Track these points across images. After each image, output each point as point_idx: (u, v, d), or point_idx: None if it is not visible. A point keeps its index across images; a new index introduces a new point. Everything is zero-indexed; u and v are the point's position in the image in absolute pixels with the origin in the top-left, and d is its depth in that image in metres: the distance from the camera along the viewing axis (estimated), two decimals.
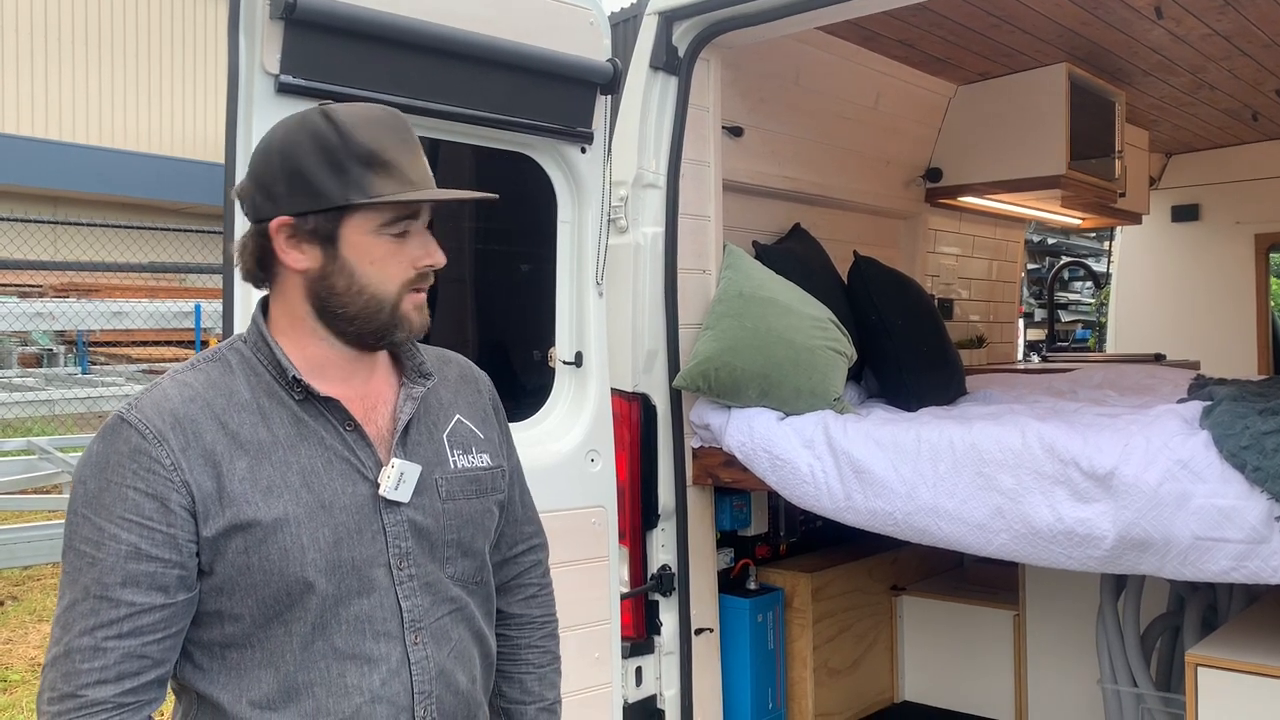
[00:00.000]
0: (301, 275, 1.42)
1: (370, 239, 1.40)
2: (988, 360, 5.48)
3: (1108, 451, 2.59)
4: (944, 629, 4.01)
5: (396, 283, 1.42)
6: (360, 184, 1.38)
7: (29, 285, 13.57)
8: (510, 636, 1.69)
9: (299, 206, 1.39)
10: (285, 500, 1.37)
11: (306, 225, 1.40)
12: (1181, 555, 2.47)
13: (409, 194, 1.40)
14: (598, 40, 2.85)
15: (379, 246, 1.41)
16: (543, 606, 1.73)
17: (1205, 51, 4.21)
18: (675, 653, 3.21)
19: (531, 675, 1.69)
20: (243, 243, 1.45)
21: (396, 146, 1.40)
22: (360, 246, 1.40)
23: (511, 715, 1.69)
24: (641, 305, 3.19)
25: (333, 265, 1.40)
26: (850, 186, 4.34)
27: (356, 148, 1.38)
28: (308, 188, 1.38)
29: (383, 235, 1.41)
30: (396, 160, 1.40)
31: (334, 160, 1.38)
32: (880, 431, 2.97)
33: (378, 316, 1.43)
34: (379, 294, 1.42)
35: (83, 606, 1.30)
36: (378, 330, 1.44)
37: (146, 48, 17.36)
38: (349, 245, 1.40)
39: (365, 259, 1.41)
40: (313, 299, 1.43)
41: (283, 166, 1.40)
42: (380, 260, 1.41)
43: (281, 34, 2.26)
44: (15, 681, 4.91)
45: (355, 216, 1.40)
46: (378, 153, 1.39)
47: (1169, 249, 6.27)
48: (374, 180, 1.38)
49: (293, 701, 1.38)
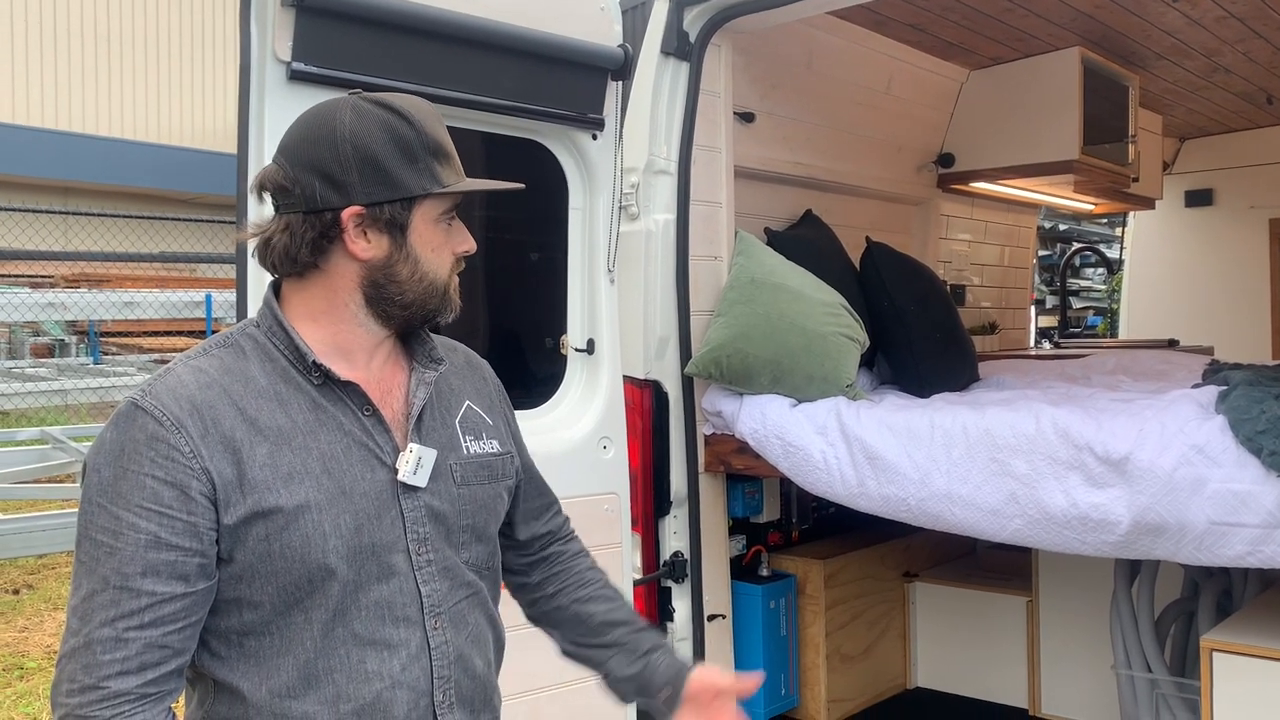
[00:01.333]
0: (363, 264, 1.43)
1: (432, 227, 1.46)
2: (1000, 346, 5.46)
3: (1122, 436, 2.58)
4: (957, 615, 4.01)
5: (447, 267, 1.48)
6: (433, 174, 1.43)
7: (40, 276, 13.61)
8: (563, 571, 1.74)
9: (375, 196, 1.40)
10: (307, 486, 1.37)
11: (382, 215, 1.41)
12: (1197, 540, 2.47)
13: (468, 184, 1.46)
14: (609, 26, 2.84)
15: (438, 234, 1.46)
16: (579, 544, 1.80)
17: (1220, 34, 4.18)
18: (688, 639, 3.21)
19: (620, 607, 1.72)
20: (292, 232, 1.42)
21: (448, 138, 1.47)
22: (425, 234, 1.45)
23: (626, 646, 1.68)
24: (653, 292, 3.19)
25: (399, 253, 1.43)
26: (862, 172, 4.32)
27: (428, 139, 1.42)
28: (385, 178, 1.40)
29: (440, 224, 1.46)
30: (453, 152, 1.47)
31: (409, 151, 1.41)
32: (893, 418, 2.96)
33: (432, 300, 1.47)
34: (436, 279, 1.47)
35: (102, 597, 1.29)
36: (430, 313, 1.49)
37: (156, 38, 17.37)
38: (417, 234, 1.44)
39: (428, 247, 1.45)
40: (368, 286, 1.44)
41: (355, 156, 1.39)
42: (438, 248, 1.47)
43: (293, 21, 2.25)
44: (32, 669, 4.94)
45: (423, 206, 1.44)
46: (443, 144, 1.44)
47: (1182, 234, 6.24)
48: (441, 170, 1.44)
49: (313, 688, 1.37)
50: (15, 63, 15.88)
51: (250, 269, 2.22)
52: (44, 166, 15.26)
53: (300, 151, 1.42)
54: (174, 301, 11.86)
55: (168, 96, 17.52)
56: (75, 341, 13.37)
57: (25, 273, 13.57)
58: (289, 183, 1.41)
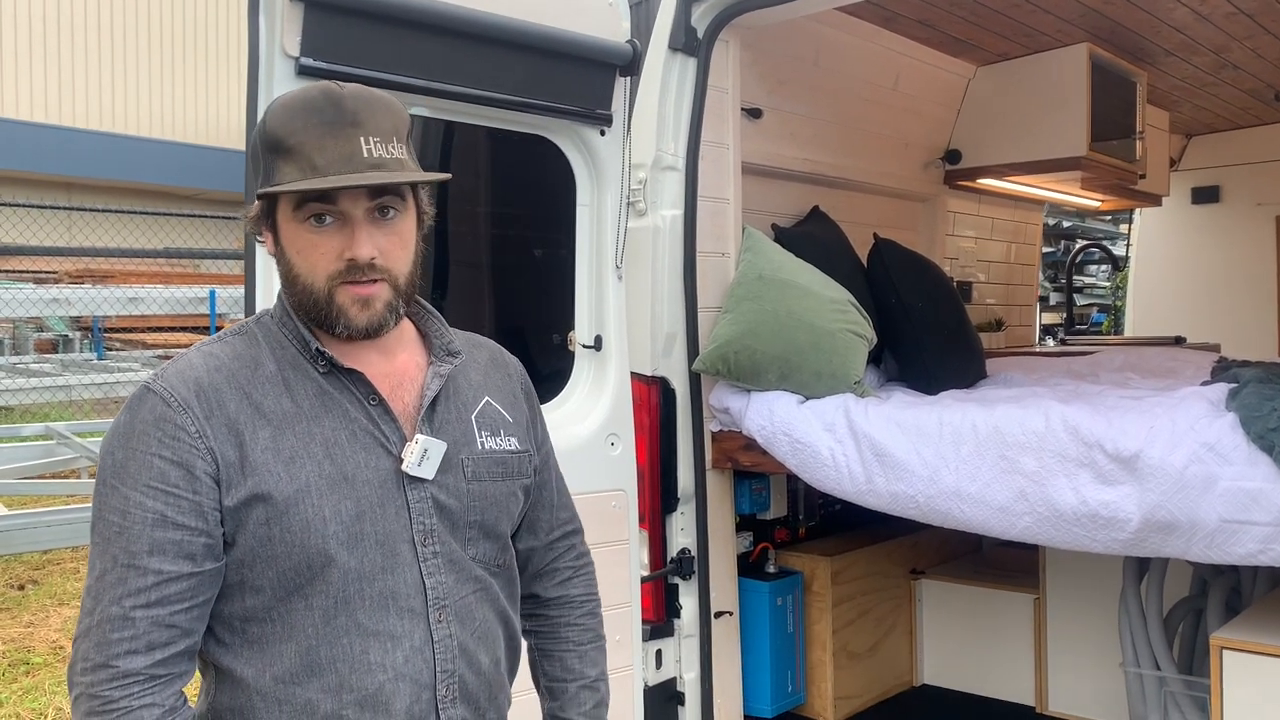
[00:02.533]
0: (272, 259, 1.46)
1: (294, 227, 1.38)
2: (1006, 343, 5.45)
3: (1132, 434, 2.57)
4: (964, 613, 4.00)
5: (323, 274, 1.38)
6: (268, 172, 1.38)
7: (44, 271, 13.64)
8: (550, 617, 1.69)
9: (250, 193, 1.43)
10: (307, 470, 1.37)
11: (255, 211, 1.43)
12: (1208, 538, 2.46)
13: (301, 181, 1.34)
14: (616, 21, 2.82)
15: (301, 235, 1.38)
16: (580, 586, 1.72)
17: (1228, 30, 4.16)
18: (695, 636, 3.21)
19: (572, 653, 1.68)
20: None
21: (309, 129, 1.35)
22: (287, 234, 1.40)
23: (554, 693, 1.68)
24: (660, 288, 3.18)
25: (278, 251, 1.42)
26: (869, 168, 4.31)
27: (267, 135, 1.38)
28: (252, 176, 1.42)
29: (302, 224, 1.38)
30: (301, 145, 1.35)
31: (254, 149, 1.42)
32: (901, 414, 2.95)
33: (316, 307, 1.40)
34: (308, 284, 1.39)
35: (112, 576, 1.31)
36: (322, 320, 1.41)
37: (160, 33, 17.37)
38: (282, 232, 1.40)
39: (293, 248, 1.40)
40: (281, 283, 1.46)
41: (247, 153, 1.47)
42: (303, 250, 1.38)
43: (301, 16, 2.24)
44: (38, 665, 4.94)
45: (280, 205, 1.39)
46: (282, 138, 1.36)
47: (1189, 231, 6.22)
48: (279, 168, 1.36)
49: (315, 676, 1.37)
50: (20, 58, 15.89)
51: (259, 264, 2.22)
52: (48, 162, 15.27)
53: None
54: (178, 297, 11.87)
55: (172, 92, 17.52)
56: (79, 337, 13.40)
57: (30, 268, 13.59)
58: None
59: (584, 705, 1.66)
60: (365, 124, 1.37)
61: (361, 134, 1.36)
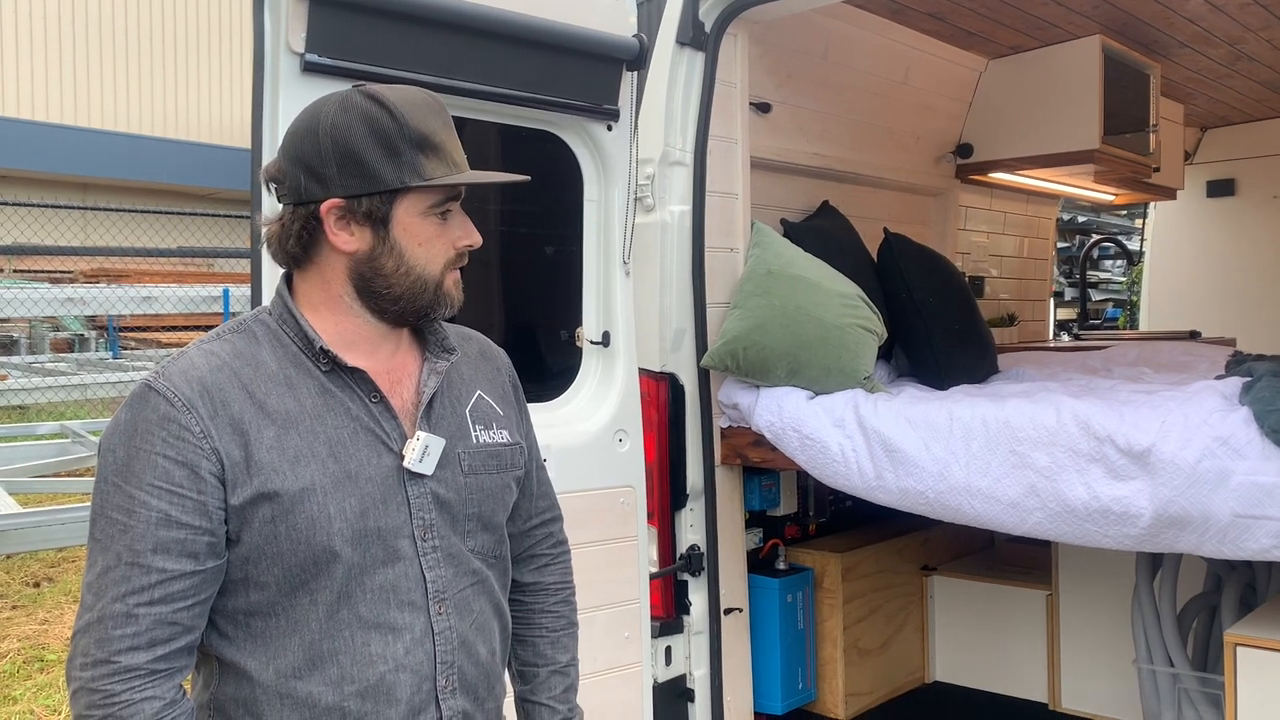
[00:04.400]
0: (349, 256, 1.44)
1: (419, 221, 1.44)
2: (1019, 339, 5.42)
3: (1145, 428, 2.54)
4: (976, 609, 3.98)
5: (440, 263, 1.46)
6: (415, 167, 1.41)
7: (60, 271, 13.71)
8: (525, 603, 1.72)
9: (352, 189, 1.41)
10: (312, 469, 1.39)
11: (360, 208, 1.42)
12: (1221, 533, 2.43)
13: (458, 176, 1.44)
14: (624, 16, 2.81)
15: (427, 228, 1.45)
16: (556, 574, 1.75)
17: (1244, 21, 4.12)
18: (704, 632, 3.20)
19: (544, 639, 1.72)
20: (284, 224, 1.45)
21: (442, 130, 1.44)
22: (410, 228, 1.44)
23: (524, 678, 1.72)
24: (669, 284, 3.17)
25: (382, 247, 1.43)
26: (879, 163, 4.29)
27: (410, 131, 1.41)
28: (362, 171, 1.40)
29: (430, 217, 1.45)
30: (444, 143, 1.44)
31: (388, 143, 1.40)
32: (911, 410, 2.93)
33: (422, 296, 1.46)
34: (425, 274, 1.45)
35: (115, 573, 1.32)
36: (422, 308, 1.48)
37: (173, 33, 17.44)
38: (400, 227, 1.43)
39: (414, 240, 1.44)
40: (356, 279, 1.45)
41: (334, 149, 1.40)
42: (427, 241, 1.45)
43: (306, 13, 2.24)
44: (52, 661, 4.97)
45: (407, 199, 1.43)
46: (429, 136, 1.42)
47: (1204, 225, 6.17)
48: (426, 163, 1.41)
49: (317, 669, 1.40)
50: (35, 59, 15.98)
51: (265, 263, 2.22)
52: (63, 162, 15.35)
53: (290, 145, 1.44)
54: (192, 296, 11.91)
55: (187, 92, 17.60)
56: (94, 336, 13.46)
57: (45, 268, 13.67)
58: (281, 175, 1.45)
59: (554, 690, 1.70)
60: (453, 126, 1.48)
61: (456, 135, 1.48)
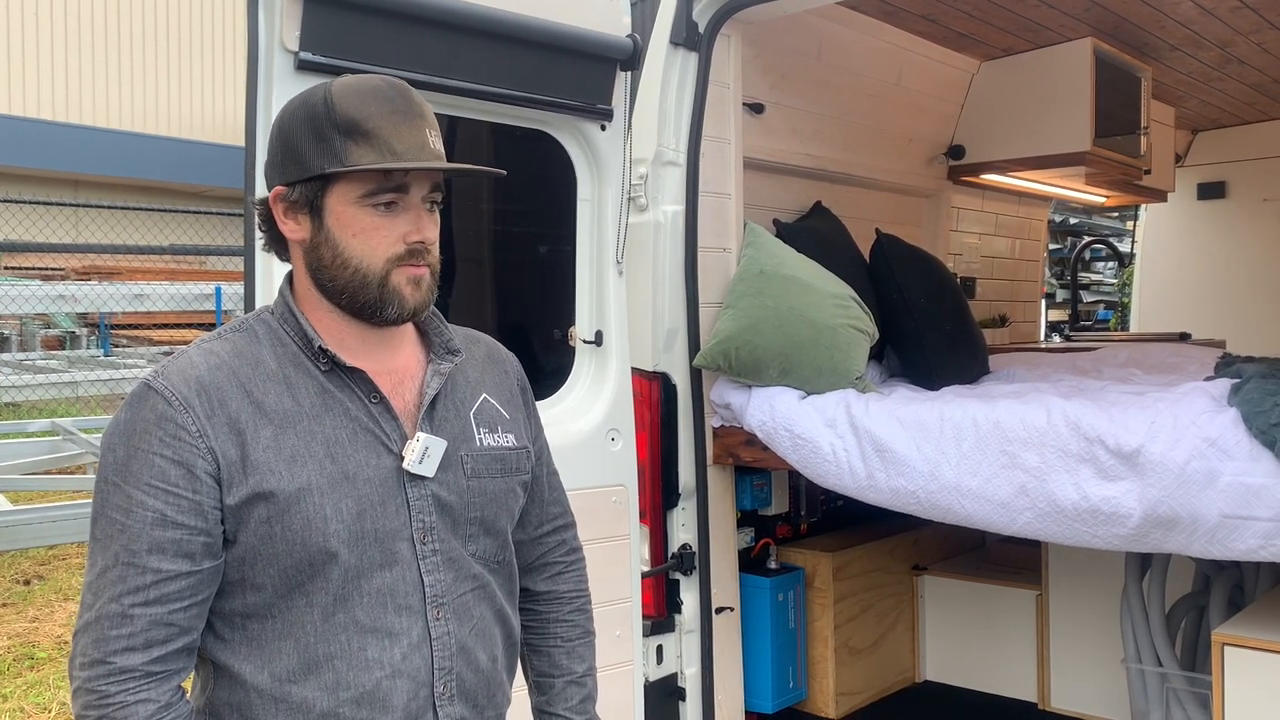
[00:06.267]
0: (299, 246, 1.44)
1: (353, 210, 1.39)
2: (1010, 340, 5.44)
3: (1134, 429, 2.56)
4: (966, 609, 4.00)
5: (381, 257, 1.39)
6: (338, 153, 1.37)
7: (51, 268, 13.68)
8: (539, 612, 1.70)
9: (289, 176, 1.41)
10: (309, 469, 1.37)
11: (294, 195, 1.41)
12: (1209, 534, 2.45)
13: (384, 163, 1.36)
14: (617, 16, 2.82)
15: (362, 219, 1.39)
16: (570, 582, 1.72)
17: (1234, 25, 4.14)
18: (696, 631, 3.20)
19: (560, 649, 1.69)
20: (259, 214, 1.47)
21: (384, 116, 1.38)
22: (344, 218, 1.39)
23: (541, 688, 1.69)
24: (662, 284, 3.18)
25: (320, 236, 1.41)
26: (872, 164, 4.30)
27: (338, 117, 1.37)
28: (296, 158, 1.40)
29: (365, 207, 1.39)
30: (379, 130, 1.37)
31: (318, 130, 1.38)
32: (903, 410, 2.95)
33: (364, 291, 1.40)
34: (363, 267, 1.39)
35: (112, 573, 1.31)
36: (368, 305, 1.41)
37: (165, 30, 17.39)
38: (333, 216, 1.40)
39: (348, 231, 1.39)
40: (310, 270, 1.44)
41: (279, 137, 1.42)
42: (363, 233, 1.39)
43: (301, 11, 2.24)
44: (42, 659, 4.96)
45: (338, 187, 1.39)
46: (359, 122, 1.37)
47: (1195, 227, 6.20)
48: (352, 150, 1.37)
49: (313, 674, 1.38)
50: (26, 56, 15.92)
51: (258, 261, 2.22)
52: (54, 159, 15.31)
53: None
54: (184, 294, 11.90)
55: (178, 89, 17.55)
56: (86, 334, 13.43)
57: (36, 265, 13.63)
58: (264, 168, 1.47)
59: (570, 700, 1.67)
60: (427, 117, 1.43)
61: (426, 126, 1.41)
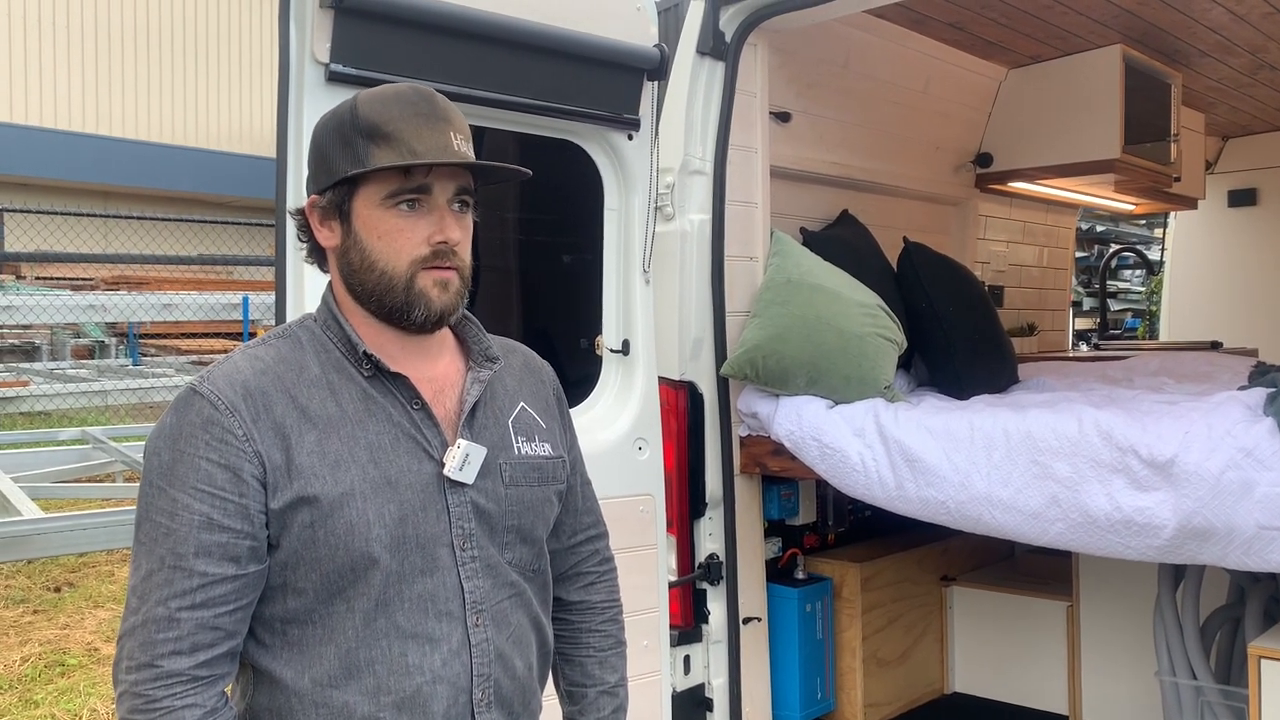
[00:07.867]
0: (333, 253, 1.47)
1: (378, 212, 1.41)
2: (1039, 348, 5.40)
3: (1168, 439, 2.53)
4: (995, 620, 3.96)
5: (406, 258, 1.40)
6: (360, 156, 1.39)
7: (81, 278, 13.83)
8: (571, 621, 1.70)
9: (320, 183, 1.44)
10: (352, 474, 1.38)
11: (324, 202, 1.44)
12: (1245, 545, 2.42)
13: (402, 161, 1.38)
14: (645, 26, 2.83)
15: (386, 220, 1.41)
16: (603, 592, 1.73)
17: (1266, 30, 4.10)
18: (723, 642, 3.19)
19: (592, 659, 1.69)
20: (297, 224, 1.50)
21: (406, 119, 1.39)
22: (369, 220, 1.41)
23: (573, 698, 1.70)
24: (688, 293, 3.17)
25: (349, 240, 1.43)
26: (899, 172, 4.29)
27: (361, 122, 1.40)
28: (326, 166, 1.43)
29: (389, 208, 1.40)
30: (400, 131, 1.38)
31: (344, 136, 1.41)
32: (932, 420, 2.93)
33: (391, 294, 1.41)
34: (388, 270, 1.41)
35: (159, 577, 1.32)
36: (396, 308, 1.42)
37: (194, 42, 17.58)
38: (360, 219, 1.42)
39: (374, 233, 1.41)
40: (343, 276, 1.46)
41: (313, 149, 1.46)
42: (388, 234, 1.40)
43: (331, 23, 2.26)
44: (73, 666, 5.00)
45: (363, 190, 1.41)
46: (380, 125, 1.39)
47: (1225, 234, 6.13)
48: (374, 152, 1.39)
49: (354, 678, 1.38)
50: (57, 68, 16.14)
51: (289, 271, 2.23)
52: (84, 171, 15.50)
53: None
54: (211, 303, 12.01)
55: (206, 100, 17.73)
56: (115, 343, 13.57)
57: (67, 275, 13.79)
58: None
59: (603, 710, 1.67)
60: (453, 121, 1.43)
61: (451, 129, 1.42)
